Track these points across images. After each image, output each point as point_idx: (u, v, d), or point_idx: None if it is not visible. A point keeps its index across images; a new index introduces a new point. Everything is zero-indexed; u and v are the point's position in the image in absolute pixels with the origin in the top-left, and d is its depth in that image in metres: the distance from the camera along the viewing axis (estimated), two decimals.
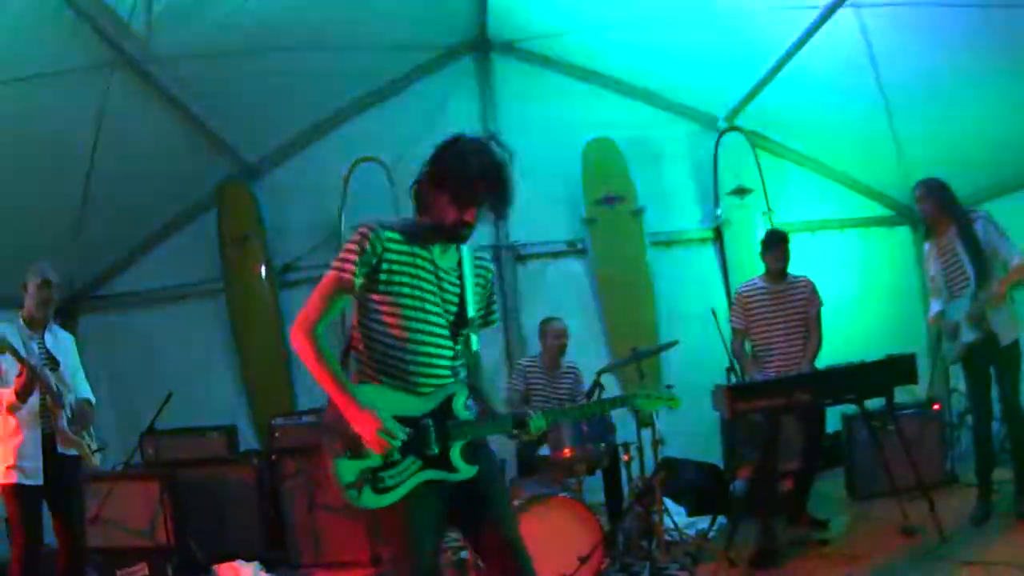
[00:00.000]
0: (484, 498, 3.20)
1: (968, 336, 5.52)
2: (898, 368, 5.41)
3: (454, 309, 3.18)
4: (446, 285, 3.17)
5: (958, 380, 7.14)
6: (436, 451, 3.08)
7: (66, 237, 6.89)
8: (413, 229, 3.13)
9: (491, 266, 3.46)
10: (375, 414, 2.95)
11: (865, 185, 8.45)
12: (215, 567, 6.08)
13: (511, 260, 8.00)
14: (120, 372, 7.77)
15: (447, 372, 3.17)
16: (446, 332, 3.15)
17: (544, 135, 7.96)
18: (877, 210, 8.51)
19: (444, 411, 3.13)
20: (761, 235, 6.41)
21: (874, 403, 5.79)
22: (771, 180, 8.20)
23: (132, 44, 5.76)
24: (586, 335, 7.72)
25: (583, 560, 5.00)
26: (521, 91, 8.17)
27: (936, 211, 5.61)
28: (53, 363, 4.98)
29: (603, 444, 5.62)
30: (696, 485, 6.72)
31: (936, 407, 6.89)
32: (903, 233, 8.46)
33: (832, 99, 7.22)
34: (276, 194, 8.04)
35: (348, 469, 3.01)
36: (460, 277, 3.22)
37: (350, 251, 2.99)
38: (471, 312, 3.21)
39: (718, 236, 8.16)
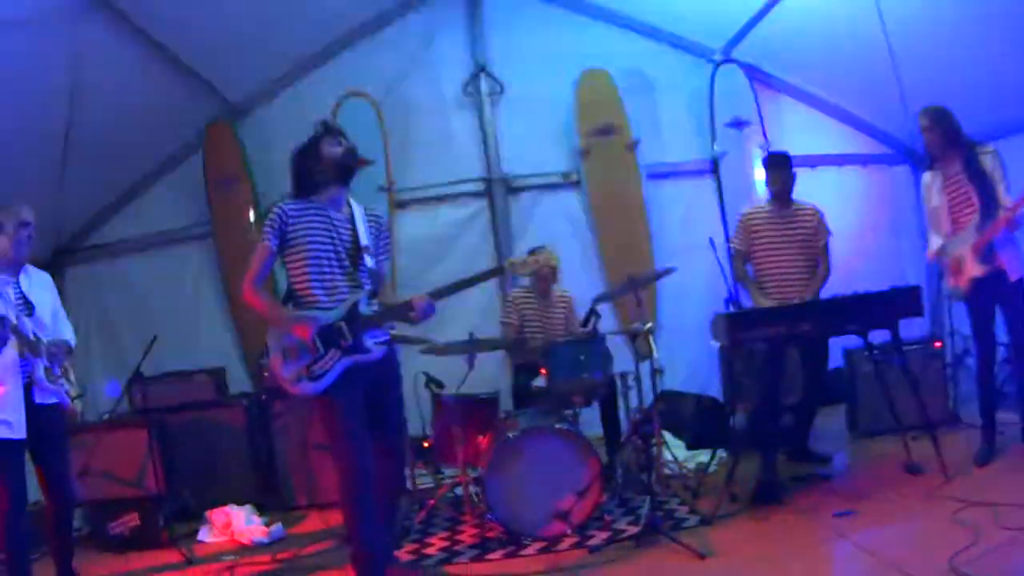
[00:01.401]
0: (382, 405, 4.38)
1: (975, 270, 5.38)
2: (903, 300, 5.31)
3: (349, 243, 4.35)
4: (341, 229, 4.35)
5: (957, 321, 7.08)
6: (351, 341, 4.22)
7: (49, 188, 6.67)
8: (309, 200, 4.34)
9: (381, 215, 4.70)
10: (297, 317, 4.23)
11: (865, 122, 8.31)
12: (207, 513, 6.02)
13: (503, 192, 7.85)
14: (110, 322, 7.70)
15: (349, 289, 4.32)
16: (345, 262, 4.32)
17: (536, 67, 7.86)
18: (877, 147, 8.37)
19: (352, 314, 4.26)
20: (758, 167, 6.27)
21: (877, 339, 5.68)
22: (769, 114, 8.04)
23: None
24: (581, 266, 7.66)
25: (580, 493, 4.92)
26: (512, 23, 7.97)
27: (942, 141, 5.43)
28: (29, 308, 4.81)
29: (600, 374, 5.51)
30: (696, 418, 6.64)
31: (938, 345, 6.81)
32: (903, 172, 8.34)
33: (833, 33, 7.03)
34: (262, 133, 7.83)
35: (289, 368, 4.21)
36: (352, 223, 4.40)
37: (268, 226, 4.22)
38: (364, 242, 4.36)
39: (715, 168, 8.01)
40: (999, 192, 5.25)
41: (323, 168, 4.30)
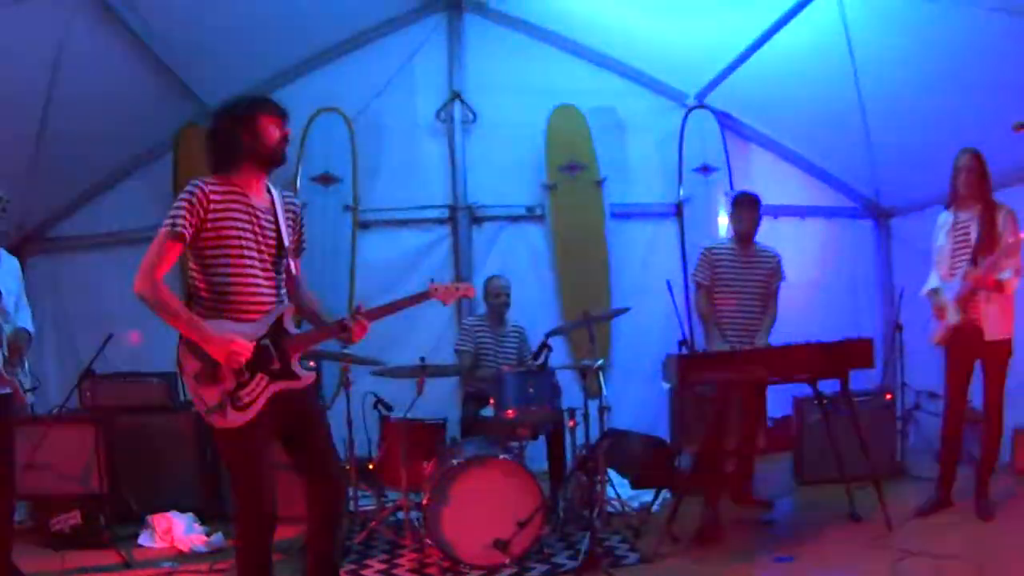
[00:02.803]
0: (309, 431, 3.80)
1: (953, 318, 5.43)
2: (855, 350, 5.37)
3: (272, 239, 3.71)
4: (264, 222, 3.69)
5: (910, 375, 7.18)
6: (279, 364, 3.65)
7: (19, 175, 6.61)
8: (230, 181, 3.66)
9: (298, 201, 4.01)
10: (225, 337, 3.48)
11: (831, 175, 8.41)
12: (149, 517, 5.96)
13: (467, 221, 7.86)
14: (66, 316, 7.61)
15: (271, 298, 3.71)
16: (268, 264, 3.70)
17: (510, 99, 7.91)
18: (841, 200, 8.48)
19: (277, 331, 3.67)
20: (722, 214, 6.35)
21: (828, 388, 5.74)
22: (736, 162, 8.15)
23: None
24: (539, 301, 7.66)
25: (521, 524, 4.92)
26: (491, 52, 8.02)
27: (970, 185, 5.39)
28: None
29: (548, 407, 5.52)
30: (641, 458, 6.67)
31: (888, 397, 6.89)
32: (865, 226, 8.46)
33: (806, 86, 7.13)
34: None
35: (211, 394, 3.55)
36: (274, 214, 3.73)
37: (183, 210, 3.47)
38: (286, 242, 3.75)
39: (679, 212, 8.06)
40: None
41: (255, 147, 3.65)
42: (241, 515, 3.65)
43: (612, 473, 6.18)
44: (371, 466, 5.91)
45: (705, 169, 8.03)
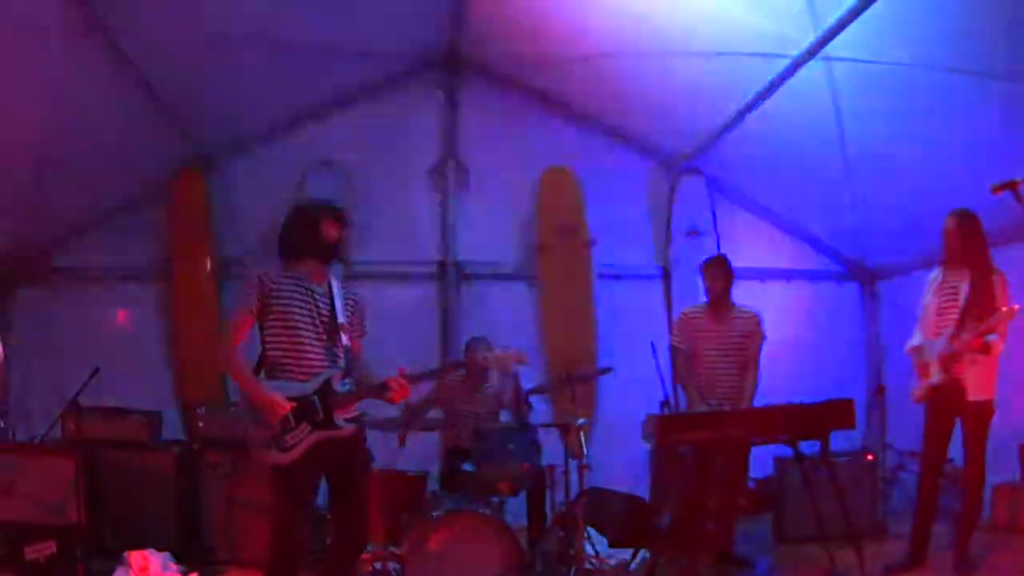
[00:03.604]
0: (348, 481, 4.39)
1: (935, 377, 5.45)
2: (836, 411, 5.37)
3: (327, 318, 4.40)
4: (320, 302, 4.40)
5: (894, 435, 7.21)
6: (322, 416, 4.25)
7: (14, 207, 6.74)
8: (292, 268, 4.44)
9: (356, 293, 4.70)
10: (272, 396, 4.19)
11: (818, 239, 8.51)
12: (126, 553, 5.91)
13: (456, 277, 7.97)
14: (53, 347, 7.58)
15: (323, 363, 4.36)
16: (322, 336, 4.37)
17: (503, 158, 8.07)
18: (827, 264, 8.57)
19: (326, 389, 4.30)
20: None
21: (808, 449, 5.71)
22: (725, 225, 8.26)
23: (104, 10, 5.60)
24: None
25: None
26: (486, 112, 8.18)
27: (951, 248, 5.48)
28: None
29: (528, 464, 5.57)
30: (620, 516, 6.65)
31: (869, 457, 6.92)
32: (852, 289, 8.55)
33: (793, 152, 7.26)
34: (230, 187, 7.96)
35: (261, 436, 4.20)
36: (331, 297, 4.44)
37: (249, 291, 4.28)
38: (340, 319, 4.42)
39: (666, 275, 8.19)
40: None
41: (316, 245, 4.41)
42: (270, 550, 4.23)
43: (591, 531, 6.19)
44: None
45: (693, 233, 8.13)
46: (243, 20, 6.27)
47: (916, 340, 5.72)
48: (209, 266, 7.73)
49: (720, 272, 6.20)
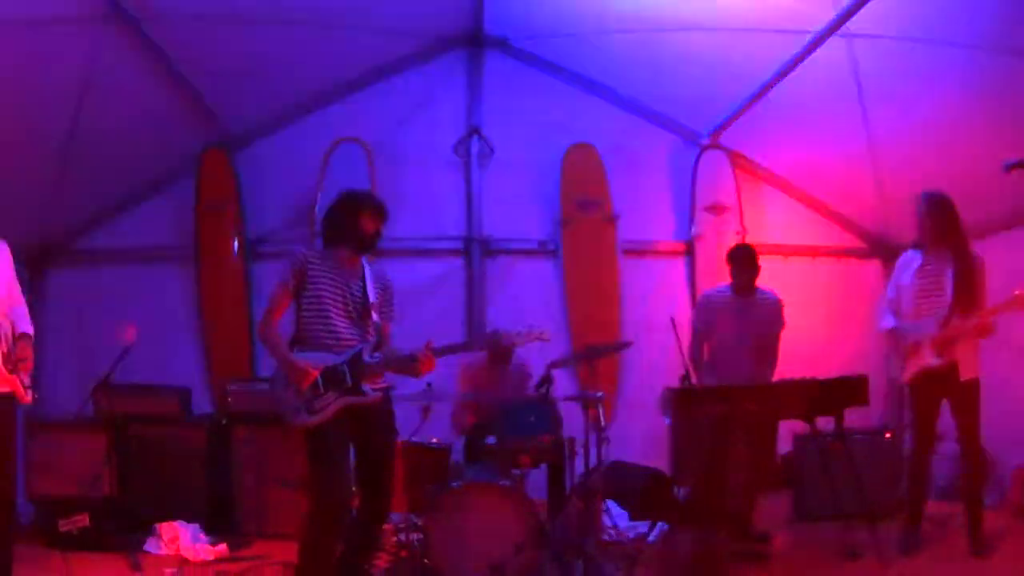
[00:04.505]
0: (374, 448, 4.68)
1: (932, 360, 5.40)
2: (849, 388, 5.44)
3: (359, 298, 4.68)
4: (352, 283, 4.68)
5: None
6: (350, 384, 4.51)
7: (43, 188, 6.87)
8: (329, 252, 4.73)
9: (388, 276, 4.97)
10: (304, 363, 4.46)
11: (841, 215, 8.49)
12: (156, 525, 6.09)
13: (481, 253, 8.02)
14: (85, 326, 7.72)
15: (353, 339, 4.63)
16: (353, 314, 4.66)
17: (527, 134, 8.10)
18: (851, 241, 8.55)
19: (355, 360, 4.56)
20: None
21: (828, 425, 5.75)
22: (748, 200, 8.27)
23: None
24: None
25: (518, 549, 5.02)
26: (509, 88, 8.20)
27: (934, 230, 5.44)
28: None
29: (549, 436, 5.64)
30: (640, 489, 6.73)
31: (887, 435, 6.94)
32: (874, 266, 8.50)
33: (816, 127, 7.27)
34: (256, 166, 8.04)
35: (291, 399, 4.47)
36: (363, 280, 4.73)
37: (288, 269, 4.58)
38: (372, 298, 4.70)
39: (690, 250, 8.20)
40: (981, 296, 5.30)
41: (354, 234, 4.68)
42: (312, 505, 4.43)
43: (611, 504, 6.26)
44: None
45: (716, 208, 8.15)
46: None
47: (887, 322, 5.71)
48: (237, 244, 7.84)
49: (747, 265, 6.21)
